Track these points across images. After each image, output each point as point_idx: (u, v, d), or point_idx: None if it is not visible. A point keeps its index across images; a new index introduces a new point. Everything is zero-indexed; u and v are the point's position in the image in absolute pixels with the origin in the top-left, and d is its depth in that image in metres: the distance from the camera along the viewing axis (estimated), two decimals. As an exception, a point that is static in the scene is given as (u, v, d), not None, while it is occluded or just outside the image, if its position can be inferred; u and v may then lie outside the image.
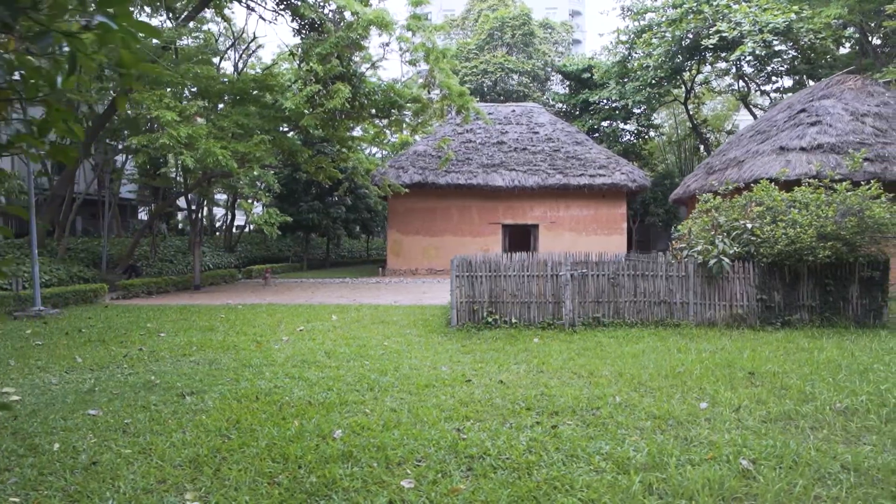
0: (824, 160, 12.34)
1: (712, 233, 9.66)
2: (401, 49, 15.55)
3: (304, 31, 18.21)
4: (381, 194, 20.18)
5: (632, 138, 32.96)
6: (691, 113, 29.72)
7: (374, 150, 31.12)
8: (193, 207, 22.66)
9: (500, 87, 31.50)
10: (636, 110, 29.87)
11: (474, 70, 30.89)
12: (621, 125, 31.57)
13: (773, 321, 9.26)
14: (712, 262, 9.07)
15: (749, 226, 9.36)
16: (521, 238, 21.86)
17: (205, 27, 24.90)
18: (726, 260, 9.01)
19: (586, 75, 29.96)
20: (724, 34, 20.47)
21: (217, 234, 29.11)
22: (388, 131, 23.61)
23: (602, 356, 7.23)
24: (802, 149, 12.78)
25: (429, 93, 17.33)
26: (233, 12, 20.05)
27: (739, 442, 4.10)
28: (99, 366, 6.72)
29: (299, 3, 14.49)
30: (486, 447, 4.05)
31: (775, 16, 19.85)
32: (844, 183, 9.51)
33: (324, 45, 14.10)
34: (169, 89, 13.68)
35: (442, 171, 20.53)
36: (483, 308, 9.26)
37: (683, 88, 28.01)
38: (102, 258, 17.89)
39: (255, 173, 14.25)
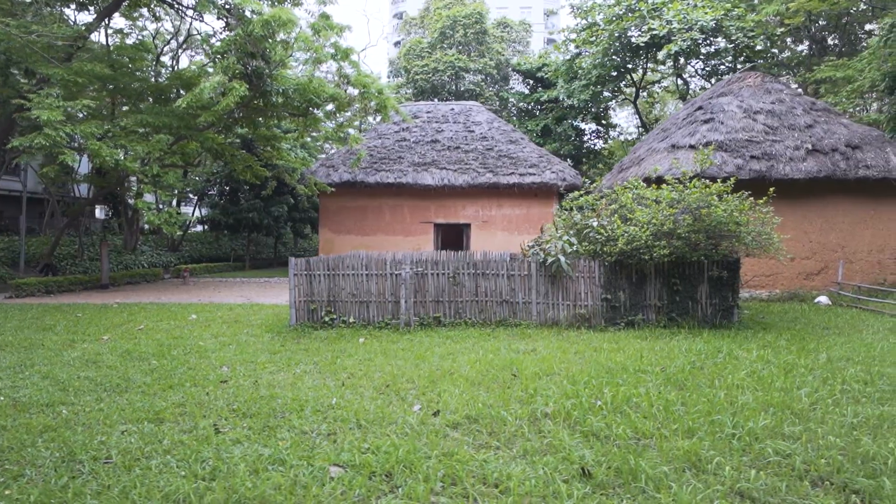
0: (711, 158, 12.16)
1: (559, 231, 9.52)
2: (305, 48, 15.38)
3: (227, 30, 18.14)
4: (309, 193, 20.05)
5: (592, 137, 32.76)
6: (642, 112, 29.51)
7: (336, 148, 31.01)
8: (103, 205, 22.55)
9: (452, 86, 31.32)
10: (593, 108, 29.71)
11: (425, 69, 30.69)
12: (580, 124, 31.36)
13: (617, 321, 9.12)
14: (550, 260, 8.93)
15: (595, 224, 9.22)
16: (454, 237, 21.70)
17: (154, 26, 24.90)
18: (563, 258, 8.86)
19: (540, 74, 29.78)
20: (655, 32, 20.28)
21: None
22: (351, 130, 23.46)
23: (402, 357, 7.11)
24: (691, 146, 12.63)
25: (345, 91, 17.17)
26: (186, 12, 19.88)
27: (380, 447, 3.98)
28: None
29: (198, 2, 14.35)
30: (129, 450, 3.96)
31: (706, 13, 19.64)
32: (693, 180, 9.36)
33: (219, 45, 13.97)
34: (62, 89, 13.51)
35: (372, 170, 20.38)
36: (322, 307, 9.14)
37: (634, 87, 27.82)
38: (20, 257, 17.84)
39: (155, 172, 14.12)
